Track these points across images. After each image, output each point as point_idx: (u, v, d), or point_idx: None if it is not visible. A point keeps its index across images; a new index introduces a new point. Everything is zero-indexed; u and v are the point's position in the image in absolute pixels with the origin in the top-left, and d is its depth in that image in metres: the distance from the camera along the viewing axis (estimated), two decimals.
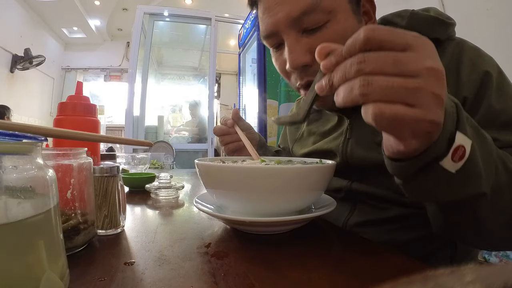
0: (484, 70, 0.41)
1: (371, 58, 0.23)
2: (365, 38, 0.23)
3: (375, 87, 0.22)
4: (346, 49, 0.24)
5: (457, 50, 0.44)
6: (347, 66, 0.24)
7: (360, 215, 0.52)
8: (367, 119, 0.24)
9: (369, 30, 0.23)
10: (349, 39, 0.24)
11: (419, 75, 0.23)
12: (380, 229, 0.49)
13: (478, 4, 1.47)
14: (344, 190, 0.54)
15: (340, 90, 0.25)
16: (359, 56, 0.23)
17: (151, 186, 0.66)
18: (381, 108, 0.23)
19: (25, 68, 3.74)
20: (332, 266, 0.29)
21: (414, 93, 0.22)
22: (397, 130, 0.25)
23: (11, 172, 0.19)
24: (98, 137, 0.52)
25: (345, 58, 0.24)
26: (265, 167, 0.35)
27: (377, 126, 0.24)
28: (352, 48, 0.24)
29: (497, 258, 1.37)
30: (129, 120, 2.80)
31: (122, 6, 4.19)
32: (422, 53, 0.23)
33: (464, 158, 0.27)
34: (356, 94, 0.23)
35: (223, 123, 0.61)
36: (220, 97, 5.16)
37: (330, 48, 0.26)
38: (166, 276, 0.26)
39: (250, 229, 0.39)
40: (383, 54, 0.23)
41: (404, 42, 0.23)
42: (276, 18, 0.43)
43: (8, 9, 3.45)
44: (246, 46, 2.80)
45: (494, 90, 0.40)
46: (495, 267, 0.09)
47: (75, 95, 0.61)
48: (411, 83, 0.22)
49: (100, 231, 0.37)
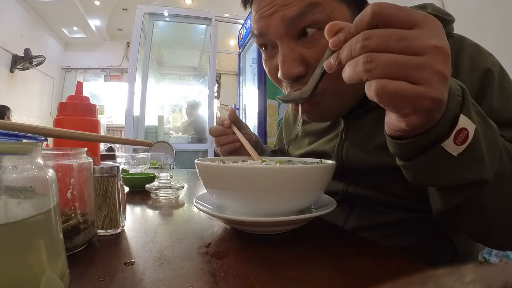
0: (485, 67, 0.40)
1: (376, 34, 0.23)
2: (372, 14, 0.23)
3: (378, 63, 0.23)
4: (354, 26, 0.25)
5: (455, 47, 0.43)
6: (353, 42, 0.24)
7: (357, 220, 0.51)
8: (370, 94, 0.24)
9: (377, 6, 0.23)
10: (358, 16, 0.25)
11: (424, 53, 0.23)
12: (378, 234, 0.48)
13: (478, 4, 1.47)
14: (340, 194, 0.53)
15: (346, 67, 0.25)
16: (364, 33, 0.24)
17: (151, 186, 0.66)
18: (383, 83, 0.23)
19: (25, 68, 3.74)
20: (332, 266, 0.29)
21: (417, 70, 0.23)
22: (399, 106, 0.25)
23: (11, 172, 0.19)
24: (98, 137, 0.52)
25: (353, 35, 0.25)
26: (265, 167, 0.35)
27: (379, 102, 0.24)
28: (359, 24, 0.24)
29: (497, 258, 1.37)
30: (129, 120, 2.80)
31: (122, 6, 4.19)
32: (429, 31, 0.23)
33: (467, 142, 0.27)
34: (360, 70, 0.23)
35: (219, 124, 0.59)
36: (220, 97, 5.16)
37: (339, 26, 0.26)
38: (166, 276, 0.26)
39: (250, 229, 0.39)
40: (388, 31, 0.23)
41: (411, 20, 0.23)
42: (269, 21, 0.41)
43: (8, 9, 3.45)
44: (246, 46, 2.80)
45: (496, 88, 0.39)
46: (495, 267, 0.09)
47: (75, 95, 0.61)
48: (415, 60, 0.23)
49: (100, 231, 0.37)
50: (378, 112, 0.42)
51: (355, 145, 0.49)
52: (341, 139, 0.51)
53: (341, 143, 0.51)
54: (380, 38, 0.23)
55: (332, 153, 0.52)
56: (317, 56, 0.40)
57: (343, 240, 0.38)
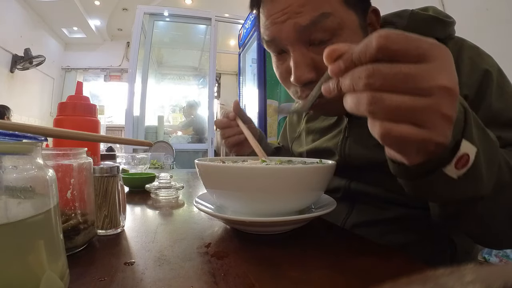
0: (484, 68, 0.41)
1: (381, 72, 0.21)
2: (377, 47, 0.21)
3: (383, 107, 0.21)
4: (356, 55, 0.23)
5: (456, 48, 0.43)
6: (355, 76, 0.23)
7: (359, 216, 0.52)
8: (373, 133, 0.23)
9: (382, 38, 0.21)
10: (361, 43, 0.23)
11: (431, 94, 0.21)
12: (379, 230, 0.49)
13: (478, 4, 1.47)
14: (342, 190, 0.54)
15: (348, 99, 0.24)
16: (368, 68, 0.22)
17: (151, 186, 0.66)
18: (387, 127, 0.22)
19: (25, 68, 3.74)
20: (332, 266, 0.29)
21: (423, 113, 0.21)
22: (402, 148, 0.24)
23: (11, 172, 0.19)
24: (98, 137, 0.52)
25: (355, 64, 0.23)
26: (265, 167, 0.35)
27: (382, 143, 0.24)
28: (362, 55, 0.22)
29: (497, 258, 1.37)
30: (129, 120, 2.80)
31: (122, 6, 4.19)
32: (438, 67, 0.21)
33: (467, 166, 0.27)
34: (362, 109, 0.22)
35: (224, 116, 0.59)
36: (220, 97, 5.16)
37: (339, 51, 0.24)
38: (166, 276, 0.26)
39: (250, 229, 0.39)
40: (394, 68, 0.21)
41: (419, 53, 0.21)
42: (282, 26, 0.42)
43: (8, 9, 3.45)
44: (246, 46, 2.80)
45: (495, 89, 0.40)
46: (495, 267, 0.09)
47: (75, 95, 0.61)
48: (421, 103, 0.21)
49: (100, 231, 0.37)
50: None
51: (358, 141, 0.50)
52: (344, 135, 0.52)
53: (344, 140, 0.52)
54: (385, 77, 0.21)
55: (335, 150, 0.53)
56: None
57: (343, 240, 0.38)
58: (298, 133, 0.67)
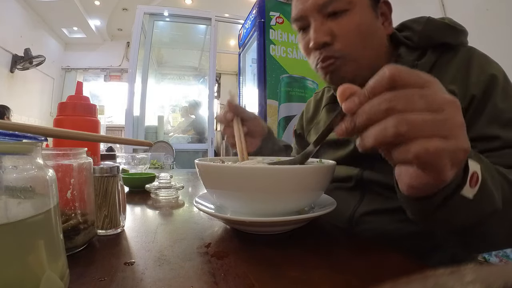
0: (491, 73, 0.45)
1: (401, 94, 0.23)
2: (390, 77, 0.23)
3: (412, 125, 0.22)
4: (370, 89, 0.24)
5: (467, 55, 0.48)
6: (374, 105, 0.23)
7: (369, 204, 0.53)
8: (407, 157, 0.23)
9: (395, 69, 0.23)
10: (372, 79, 0.24)
11: (444, 108, 0.23)
12: (388, 219, 0.50)
13: (478, 4, 1.47)
14: (354, 179, 0.55)
15: (370, 132, 0.24)
16: (388, 94, 0.23)
17: (151, 186, 0.66)
18: (423, 145, 0.23)
19: (25, 68, 3.74)
20: (332, 266, 0.29)
21: (445, 125, 0.23)
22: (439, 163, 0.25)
23: (11, 172, 0.19)
24: (98, 137, 0.52)
25: (369, 98, 0.24)
26: (265, 167, 0.35)
27: (418, 163, 0.24)
28: (377, 87, 0.24)
29: (497, 258, 1.37)
30: (129, 120, 2.80)
31: (122, 6, 4.19)
32: (438, 88, 0.24)
33: (478, 182, 0.28)
34: (390, 134, 0.23)
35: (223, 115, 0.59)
36: (220, 97, 5.16)
37: (351, 89, 0.25)
38: (166, 276, 0.26)
39: (250, 229, 0.39)
40: (410, 91, 0.23)
41: (421, 80, 0.24)
42: (306, 4, 0.52)
43: (8, 9, 3.45)
44: (246, 46, 2.80)
45: (500, 92, 0.44)
46: (495, 267, 0.09)
47: (75, 95, 0.61)
48: (441, 116, 0.23)
49: (100, 231, 0.37)
50: None
51: None
52: None
53: None
54: (406, 98, 0.23)
55: (351, 139, 0.55)
56: (342, 30, 0.50)
57: (343, 240, 0.38)
58: (315, 123, 0.70)
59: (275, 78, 2.12)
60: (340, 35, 0.49)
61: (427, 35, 0.51)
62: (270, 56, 2.11)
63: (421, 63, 0.49)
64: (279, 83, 2.12)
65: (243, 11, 2.76)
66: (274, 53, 2.12)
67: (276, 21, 2.14)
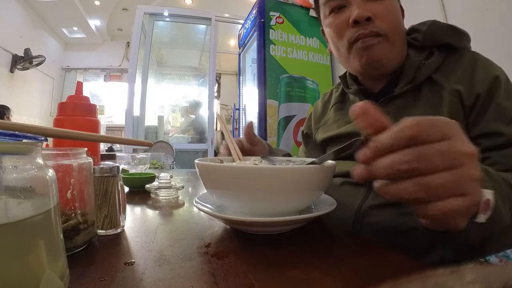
0: (495, 74, 0.48)
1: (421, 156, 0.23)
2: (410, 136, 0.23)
3: (431, 191, 0.23)
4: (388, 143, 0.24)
5: (473, 58, 0.51)
6: (395, 162, 0.23)
7: (376, 198, 0.54)
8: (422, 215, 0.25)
9: (414, 126, 0.23)
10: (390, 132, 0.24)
11: (463, 162, 0.23)
12: (394, 212, 0.51)
13: (478, 4, 1.47)
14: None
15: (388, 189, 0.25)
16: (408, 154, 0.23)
17: (151, 186, 0.66)
18: (440, 208, 0.23)
19: (25, 68, 3.74)
20: (332, 266, 0.29)
21: (463, 184, 0.23)
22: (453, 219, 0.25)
23: (11, 172, 0.19)
24: (98, 137, 0.52)
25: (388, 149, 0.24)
26: (265, 167, 0.35)
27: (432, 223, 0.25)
28: (395, 143, 0.23)
29: (497, 258, 1.37)
30: (129, 120, 2.80)
31: (122, 6, 4.18)
32: (459, 139, 0.24)
33: (490, 207, 0.29)
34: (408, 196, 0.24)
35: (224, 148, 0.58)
36: (220, 97, 5.16)
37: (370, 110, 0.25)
38: (166, 276, 0.26)
39: (250, 229, 0.39)
40: (429, 149, 0.23)
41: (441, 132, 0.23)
42: None
43: (8, 9, 3.45)
44: (246, 46, 2.80)
45: (502, 92, 0.47)
46: (495, 267, 0.09)
47: (75, 95, 0.61)
48: (458, 175, 0.23)
49: (100, 231, 0.37)
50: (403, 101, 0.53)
51: None
52: None
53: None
54: (425, 159, 0.23)
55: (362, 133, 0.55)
56: (383, 11, 0.52)
57: (343, 240, 0.38)
58: (324, 122, 0.72)
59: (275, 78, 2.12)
60: (382, 15, 0.52)
61: (431, 35, 0.54)
62: (270, 56, 2.11)
63: (428, 63, 0.52)
64: (279, 83, 2.12)
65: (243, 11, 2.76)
66: (274, 53, 2.12)
67: (276, 21, 2.14)
